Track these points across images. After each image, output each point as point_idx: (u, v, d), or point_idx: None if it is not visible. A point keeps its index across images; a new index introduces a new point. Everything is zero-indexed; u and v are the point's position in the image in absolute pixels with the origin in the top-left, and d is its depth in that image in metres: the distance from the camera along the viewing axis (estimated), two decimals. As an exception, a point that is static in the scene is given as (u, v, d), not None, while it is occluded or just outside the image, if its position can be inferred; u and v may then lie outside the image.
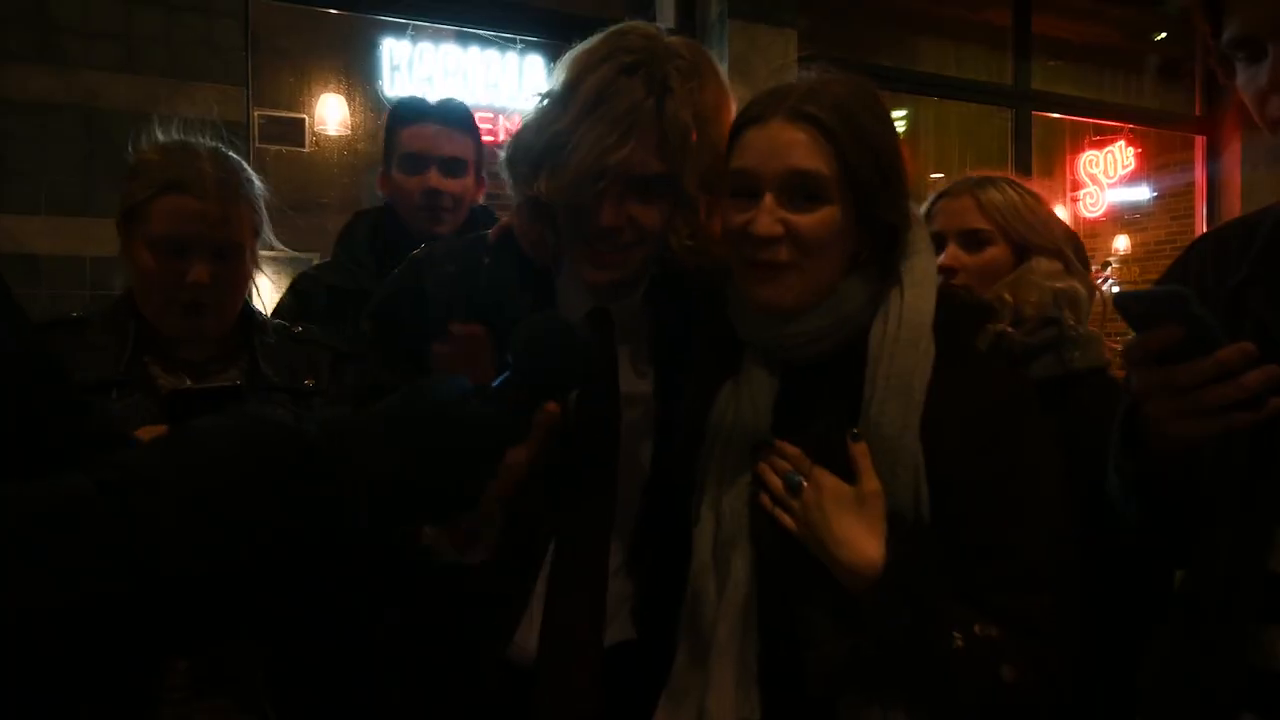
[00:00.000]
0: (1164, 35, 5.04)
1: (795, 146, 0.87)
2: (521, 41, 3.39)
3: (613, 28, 1.00)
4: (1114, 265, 5.82)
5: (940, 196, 1.44)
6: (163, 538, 0.54)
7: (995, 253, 1.37)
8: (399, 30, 3.26)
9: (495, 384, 0.77)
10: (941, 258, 1.39)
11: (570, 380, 0.85)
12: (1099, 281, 5.64)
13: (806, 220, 0.87)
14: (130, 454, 0.58)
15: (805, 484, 0.87)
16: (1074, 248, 1.42)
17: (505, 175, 1.06)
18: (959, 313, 0.93)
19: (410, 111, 1.83)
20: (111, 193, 2.46)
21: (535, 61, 3.46)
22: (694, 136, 0.94)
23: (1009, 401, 0.89)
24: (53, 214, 2.53)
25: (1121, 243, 5.84)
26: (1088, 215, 5.75)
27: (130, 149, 1.25)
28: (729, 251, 0.93)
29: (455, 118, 1.82)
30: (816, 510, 0.85)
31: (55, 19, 2.53)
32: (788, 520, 0.87)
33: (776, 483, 0.89)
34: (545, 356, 0.79)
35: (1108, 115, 5.00)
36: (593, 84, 0.95)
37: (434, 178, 1.76)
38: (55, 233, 2.53)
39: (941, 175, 5.34)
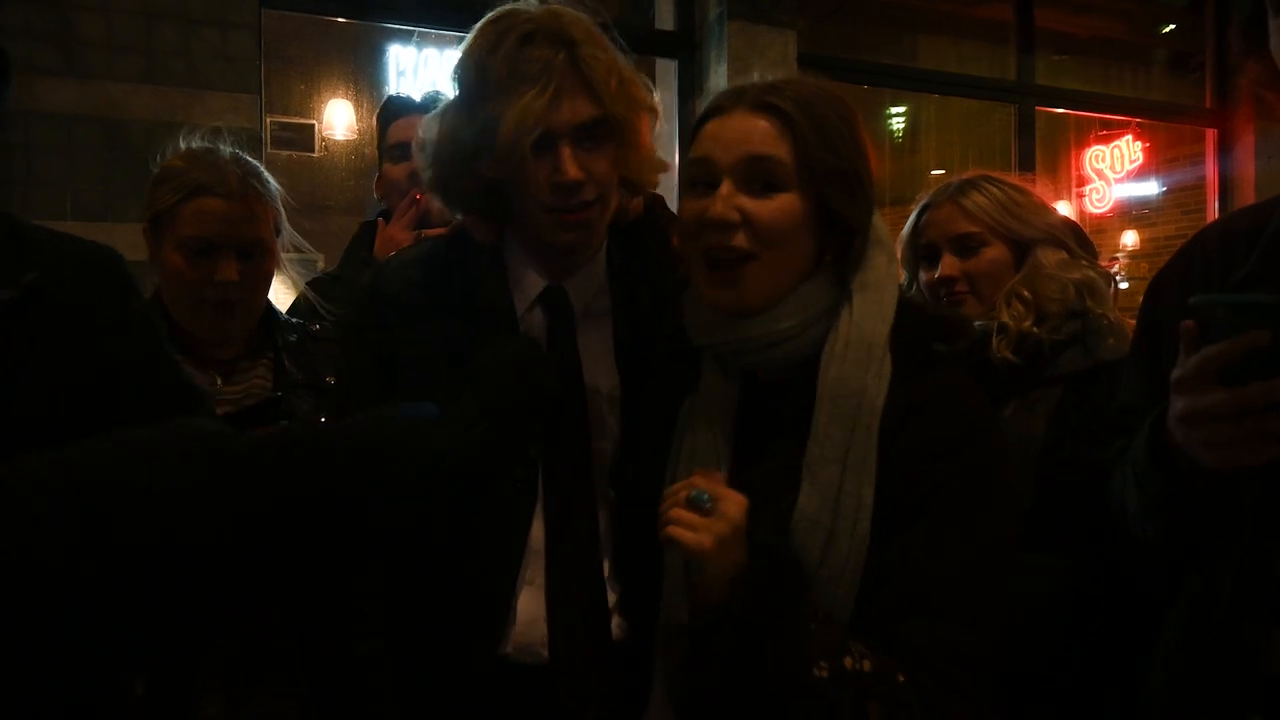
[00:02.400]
0: (1171, 27, 4.99)
1: (755, 133, 0.86)
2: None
3: (488, 16, 1.02)
4: (1122, 260, 5.77)
5: (924, 210, 1.41)
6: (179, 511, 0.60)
7: (992, 254, 1.34)
8: (404, 37, 3.35)
9: (453, 409, 0.80)
10: (939, 269, 1.36)
11: (535, 410, 0.88)
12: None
13: (765, 208, 0.85)
14: (151, 433, 0.64)
15: (716, 503, 0.82)
16: (1075, 236, 1.37)
17: (425, 183, 1.08)
18: (918, 328, 0.89)
19: (397, 106, 1.88)
20: (133, 199, 2.60)
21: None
22: (615, 72, 0.98)
23: (960, 427, 0.84)
24: (78, 220, 2.66)
25: (1130, 238, 5.78)
26: (1094, 211, 5.68)
27: (156, 158, 1.31)
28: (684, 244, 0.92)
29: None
30: (726, 529, 0.80)
31: (80, 35, 2.64)
32: (689, 536, 0.80)
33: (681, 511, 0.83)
34: (509, 386, 0.84)
35: (1114, 109, 4.94)
36: (500, 63, 0.97)
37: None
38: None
39: (943, 172, 5.35)
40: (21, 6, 2.59)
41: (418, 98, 1.88)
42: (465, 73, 1.01)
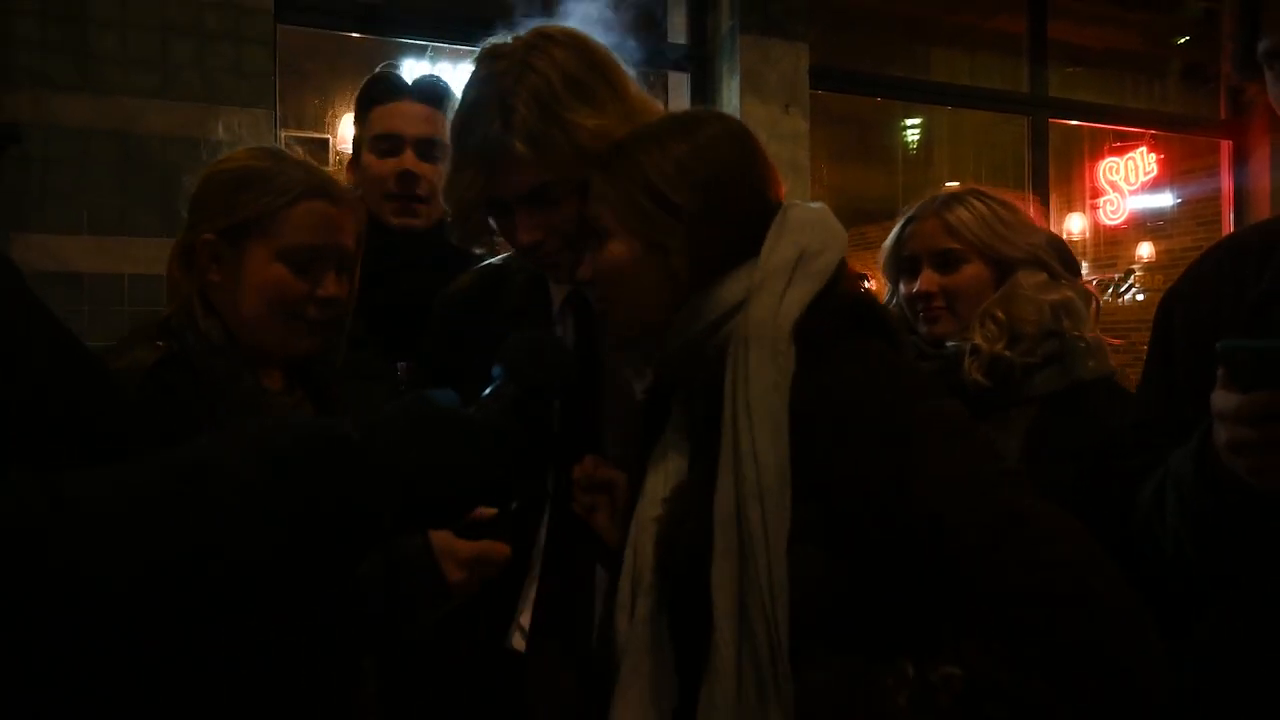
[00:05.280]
0: (1186, 39, 4.98)
1: (588, 199, 0.95)
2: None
3: (484, 48, 1.03)
4: (1137, 273, 5.74)
5: (909, 221, 1.41)
6: (232, 520, 0.61)
7: (972, 271, 1.33)
8: (419, 52, 3.37)
9: (484, 394, 0.85)
10: (917, 283, 1.36)
11: (554, 385, 0.93)
12: (1123, 289, 5.61)
13: (598, 260, 0.94)
14: (199, 445, 0.65)
15: None
16: (1059, 255, 1.37)
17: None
18: (829, 315, 0.87)
19: (384, 89, 1.62)
20: (148, 213, 2.61)
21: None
22: (553, 137, 0.96)
23: (888, 393, 0.81)
24: (93, 234, 2.66)
25: (1145, 250, 5.76)
26: (1108, 223, 5.67)
27: (182, 175, 1.13)
28: None
29: (433, 96, 1.61)
30: None
31: (95, 49, 2.66)
32: None
33: None
34: (531, 366, 0.88)
35: (1128, 121, 4.92)
36: (456, 121, 1.02)
37: (409, 159, 1.56)
38: (95, 252, 2.66)
39: (956, 185, 5.36)
40: (38, 21, 2.61)
41: (408, 78, 1.65)
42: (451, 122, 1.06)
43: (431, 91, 1.62)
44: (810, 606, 0.76)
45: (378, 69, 1.71)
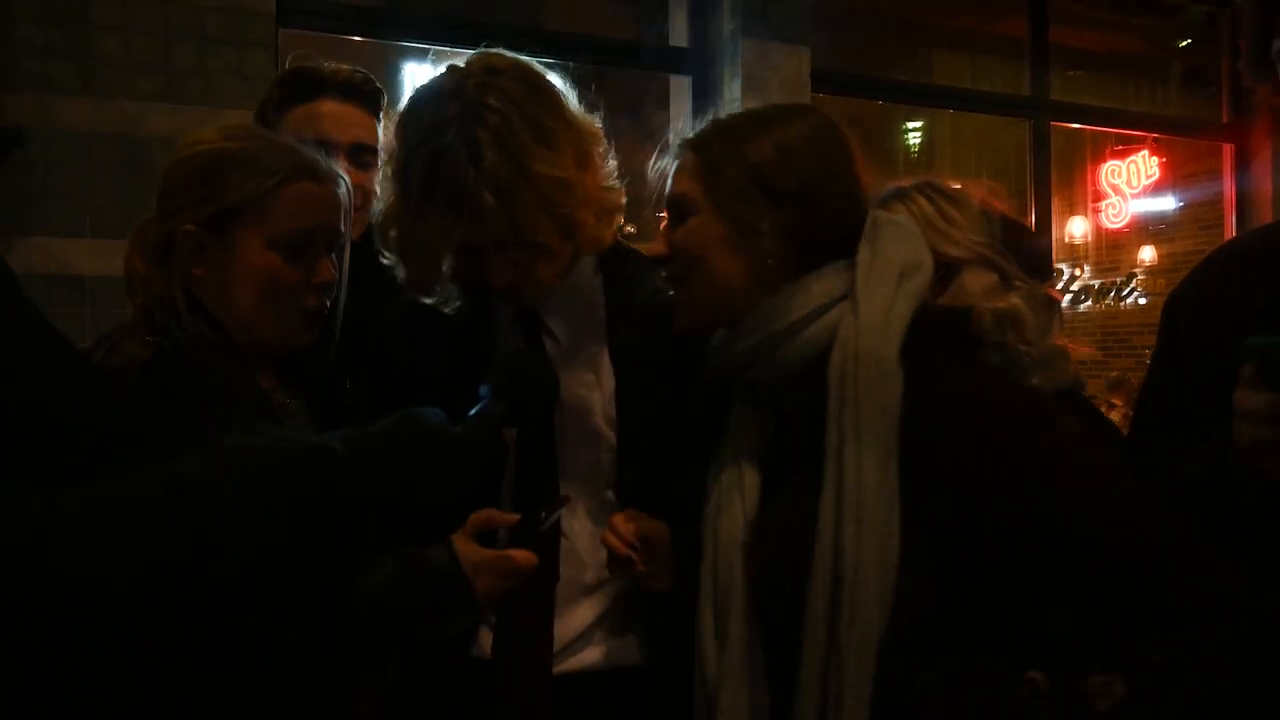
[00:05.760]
0: (1188, 42, 4.99)
1: (676, 178, 0.95)
2: (538, 64, 3.42)
3: (432, 83, 1.01)
4: (1139, 277, 5.75)
5: None
6: (232, 519, 0.63)
7: None
8: (420, 55, 3.37)
9: (472, 413, 0.89)
10: None
11: (540, 404, 0.96)
12: (1125, 293, 5.61)
13: (679, 235, 0.93)
14: (199, 454, 0.67)
15: None
16: (1024, 254, 1.25)
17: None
18: (929, 329, 0.86)
19: (305, 85, 1.38)
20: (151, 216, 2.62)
21: (553, 83, 3.53)
22: (518, 188, 0.94)
23: (1006, 413, 0.80)
24: (95, 237, 2.67)
25: (1147, 254, 5.78)
26: (1110, 226, 5.69)
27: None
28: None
29: (362, 95, 1.41)
30: None
31: (97, 53, 2.67)
32: None
33: None
34: (518, 385, 0.92)
35: (1130, 124, 4.95)
36: (419, 167, 0.97)
37: (344, 169, 1.40)
38: (98, 254, 2.66)
39: (958, 188, 5.39)
40: (41, 25, 2.62)
41: (328, 71, 1.41)
42: (397, 146, 1.01)
43: (359, 89, 1.43)
44: (917, 631, 0.77)
45: (290, 58, 1.48)
